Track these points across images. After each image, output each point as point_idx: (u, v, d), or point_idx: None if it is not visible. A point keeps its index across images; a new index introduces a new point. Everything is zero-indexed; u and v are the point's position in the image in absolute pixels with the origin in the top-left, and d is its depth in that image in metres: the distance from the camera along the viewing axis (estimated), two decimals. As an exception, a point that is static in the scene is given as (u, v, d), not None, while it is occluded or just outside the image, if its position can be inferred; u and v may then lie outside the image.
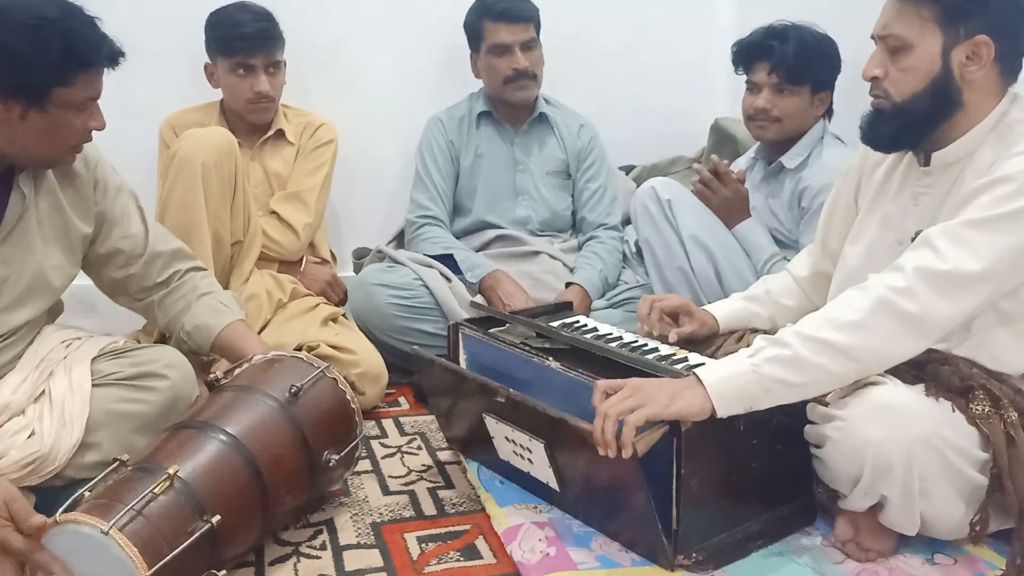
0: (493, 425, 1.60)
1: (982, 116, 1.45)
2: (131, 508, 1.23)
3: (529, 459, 1.57)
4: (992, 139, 1.45)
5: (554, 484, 1.56)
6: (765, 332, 1.78)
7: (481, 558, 1.50)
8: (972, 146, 1.46)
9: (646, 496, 1.34)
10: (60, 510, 1.23)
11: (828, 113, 2.25)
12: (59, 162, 1.57)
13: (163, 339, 1.89)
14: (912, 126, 1.48)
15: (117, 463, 1.33)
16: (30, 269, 1.57)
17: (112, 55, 1.51)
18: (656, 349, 1.67)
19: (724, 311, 1.82)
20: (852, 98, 2.21)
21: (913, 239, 1.45)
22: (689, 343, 1.73)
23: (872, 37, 1.50)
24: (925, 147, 1.51)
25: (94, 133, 1.55)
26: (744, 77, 2.26)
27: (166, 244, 1.77)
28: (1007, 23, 1.43)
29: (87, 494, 1.28)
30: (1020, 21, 1.44)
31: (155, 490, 1.26)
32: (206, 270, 1.84)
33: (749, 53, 2.21)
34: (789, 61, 2.13)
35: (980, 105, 1.45)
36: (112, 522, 1.20)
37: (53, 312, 1.73)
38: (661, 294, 2.04)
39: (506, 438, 1.59)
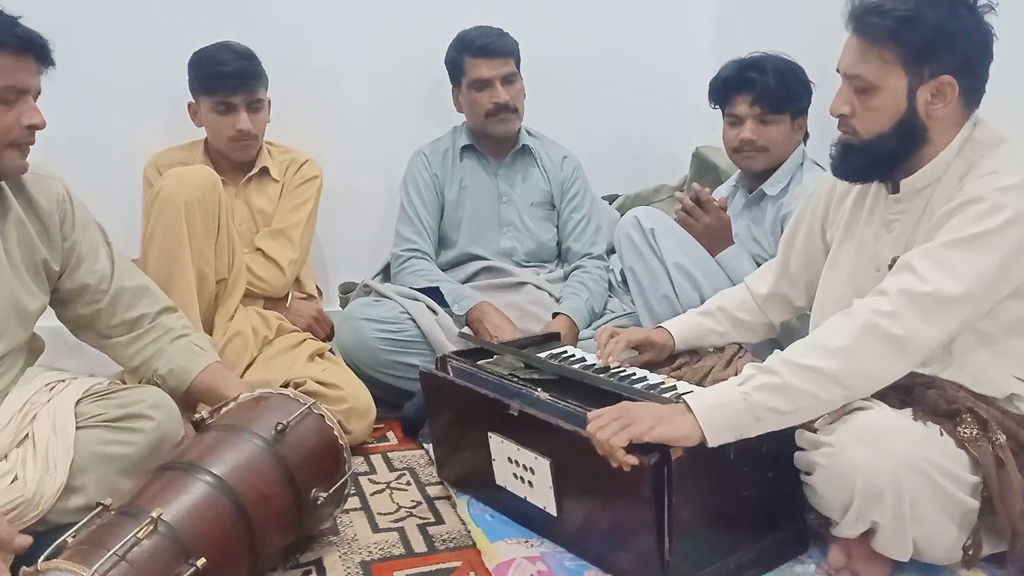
0: (497, 445, 1.59)
1: (947, 144, 1.48)
2: (114, 554, 1.21)
3: (530, 481, 1.55)
4: (958, 163, 1.47)
5: (552, 509, 1.54)
6: (721, 347, 1.85)
7: (472, 595, 1.49)
8: (939, 172, 1.49)
9: (654, 514, 1.33)
10: (42, 557, 1.21)
11: (804, 137, 2.27)
12: (2, 164, 1.52)
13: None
14: (880, 161, 1.51)
15: (100, 508, 1.31)
16: (2, 296, 1.55)
17: (32, 43, 1.47)
18: (645, 378, 1.67)
19: (679, 327, 1.88)
20: (825, 121, 2.25)
21: (890, 266, 1.47)
22: (649, 365, 1.80)
23: (837, 70, 1.52)
24: (894, 176, 1.53)
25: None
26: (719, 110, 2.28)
27: (132, 280, 1.75)
28: (970, 60, 1.45)
29: (70, 540, 1.26)
30: (982, 56, 1.46)
31: (138, 534, 1.24)
32: (177, 311, 1.82)
33: (728, 87, 2.23)
34: (772, 90, 2.16)
35: (945, 135, 1.48)
36: (94, 568, 1.18)
37: (34, 351, 1.71)
38: (642, 326, 2.05)
39: (509, 459, 1.58)
